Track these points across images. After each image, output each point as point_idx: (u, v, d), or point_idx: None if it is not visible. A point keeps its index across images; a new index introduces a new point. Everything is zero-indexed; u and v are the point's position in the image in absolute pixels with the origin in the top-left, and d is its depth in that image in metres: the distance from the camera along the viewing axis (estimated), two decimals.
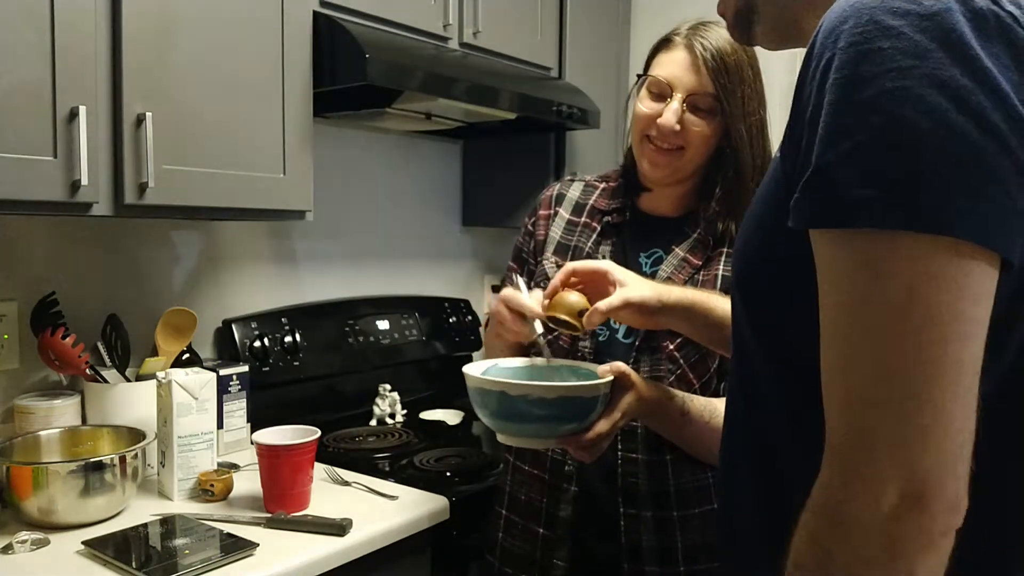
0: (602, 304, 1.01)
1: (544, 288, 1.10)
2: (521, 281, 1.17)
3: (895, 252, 0.54)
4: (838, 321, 0.57)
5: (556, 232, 1.31)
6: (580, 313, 1.03)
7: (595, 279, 1.06)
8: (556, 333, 1.19)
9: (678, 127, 1.14)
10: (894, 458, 0.54)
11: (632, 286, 1.03)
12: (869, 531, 0.54)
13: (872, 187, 0.54)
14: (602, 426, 1.01)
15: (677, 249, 1.21)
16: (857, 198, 0.54)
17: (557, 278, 1.07)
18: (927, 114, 0.53)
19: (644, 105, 1.18)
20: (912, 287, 0.53)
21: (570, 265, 1.08)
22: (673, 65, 1.15)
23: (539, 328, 1.09)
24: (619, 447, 1.18)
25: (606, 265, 1.07)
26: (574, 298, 1.04)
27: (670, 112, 1.14)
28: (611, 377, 1.02)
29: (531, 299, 1.09)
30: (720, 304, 1.05)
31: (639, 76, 1.21)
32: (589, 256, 1.25)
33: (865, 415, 0.55)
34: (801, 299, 0.62)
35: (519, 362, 1.13)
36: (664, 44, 1.19)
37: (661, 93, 1.16)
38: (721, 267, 1.19)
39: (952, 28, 0.53)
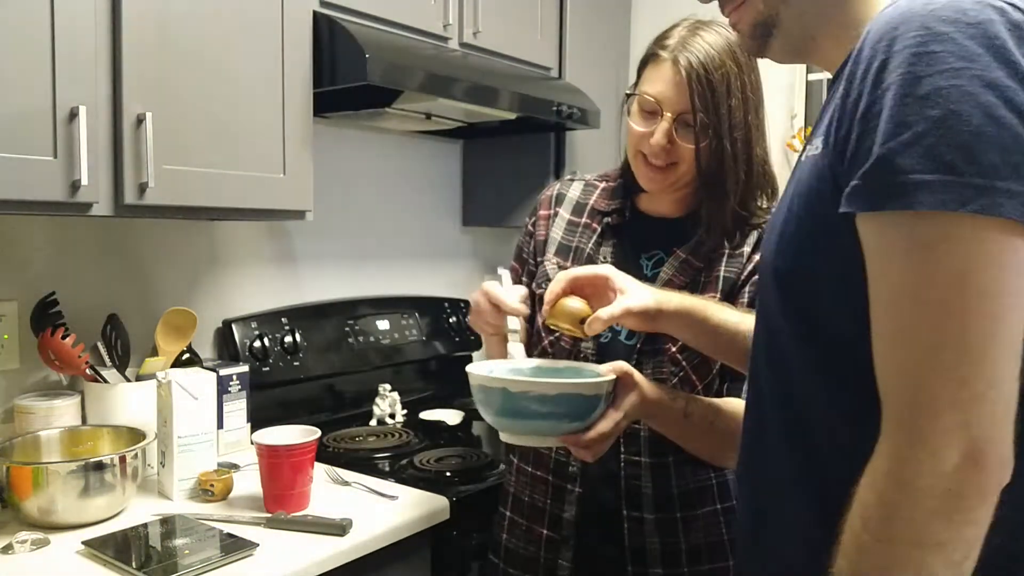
0: (603, 312, 1.01)
1: (545, 289, 1.11)
2: (505, 275, 1.18)
3: (951, 231, 0.60)
4: (896, 296, 0.63)
5: (557, 233, 1.31)
6: (582, 320, 1.04)
7: (596, 284, 1.06)
8: (557, 334, 1.20)
9: (670, 146, 1.15)
10: (954, 421, 0.59)
11: (632, 293, 1.03)
12: (933, 487, 0.60)
13: (930, 172, 0.60)
14: (604, 425, 1.00)
15: (678, 251, 1.21)
16: (917, 182, 0.60)
17: (559, 286, 1.06)
18: (979, 109, 0.59)
19: (635, 123, 1.18)
20: (966, 263, 0.60)
21: (571, 272, 1.07)
22: (661, 83, 1.15)
23: (511, 324, 1.11)
24: (622, 450, 1.18)
25: (607, 271, 1.07)
26: (576, 305, 1.05)
27: (660, 133, 1.14)
28: (613, 376, 1.03)
29: (512, 293, 1.13)
30: (716, 312, 1.06)
31: (628, 94, 1.21)
32: (590, 257, 1.25)
33: (926, 382, 0.61)
34: (847, 284, 0.67)
35: (525, 363, 1.13)
36: (652, 58, 1.18)
37: (651, 112, 1.16)
38: (723, 269, 1.19)
39: (996, 35, 0.61)
